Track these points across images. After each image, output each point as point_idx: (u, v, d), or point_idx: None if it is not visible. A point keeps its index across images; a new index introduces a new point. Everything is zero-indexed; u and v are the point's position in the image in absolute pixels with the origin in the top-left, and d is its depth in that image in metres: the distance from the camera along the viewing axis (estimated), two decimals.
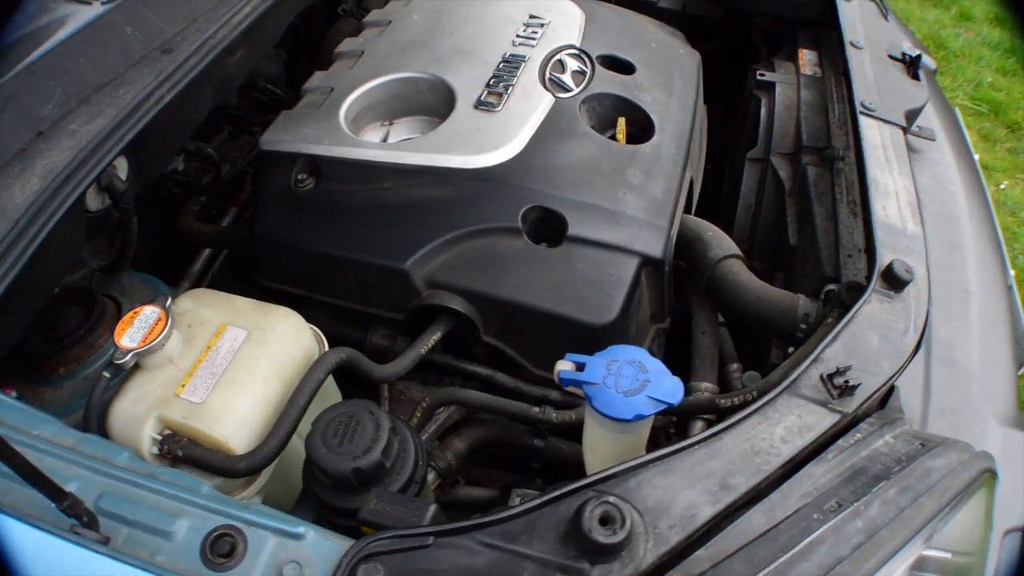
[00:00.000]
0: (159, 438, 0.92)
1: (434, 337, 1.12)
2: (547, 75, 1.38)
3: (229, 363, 0.94)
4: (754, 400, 0.88)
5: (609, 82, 1.39)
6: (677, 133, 1.35)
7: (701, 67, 1.61)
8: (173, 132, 1.14)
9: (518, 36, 1.47)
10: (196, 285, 1.50)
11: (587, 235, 1.14)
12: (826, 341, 0.89)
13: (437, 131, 1.26)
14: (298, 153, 1.26)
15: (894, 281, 0.97)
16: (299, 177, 1.25)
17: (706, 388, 1.20)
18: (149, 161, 1.11)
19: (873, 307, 0.95)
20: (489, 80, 1.34)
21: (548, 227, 1.17)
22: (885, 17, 1.60)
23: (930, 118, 1.67)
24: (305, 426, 0.89)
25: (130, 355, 0.92)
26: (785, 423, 0.79)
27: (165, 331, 0.92)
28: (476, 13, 1.55)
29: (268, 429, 0.91)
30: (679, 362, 1.20)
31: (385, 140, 1.39)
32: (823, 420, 0.80)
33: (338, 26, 1.79)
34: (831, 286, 1.13)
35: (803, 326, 1.10)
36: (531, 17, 1.53)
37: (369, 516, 0.74)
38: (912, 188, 1.16)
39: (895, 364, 0.89)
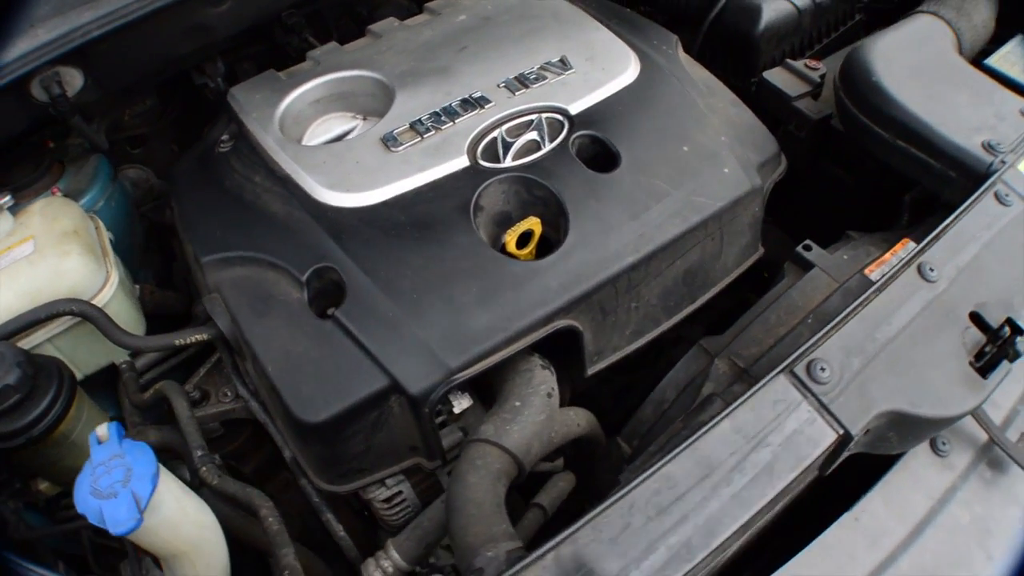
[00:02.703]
0: None
1: (196, 337, 1.10)
2: (490, 134, 1.15)
3: (2, 269, 1.07)
4: None
5: (559, 171, 1.11)
6: (586, 267, 1.04)
7: (748, 202, 1.17)
8: (132, 58, 1.26)
9: (516, 77, 1.23)
10: None
11: (353, 327, 0.98)
12: None
13: (328, 147, 1.17)
14: (235, 114, 1.29)
15: None
16: (223, 138, 1.29)
17: (386, 569, 0.98)
18: (107, 79, 1.25)
19: None
20: (424, 115, 1.18)
21: (336, 297, 1.03)
22: None
23: None
24: None
25: None
26: None
27: None
28: (511, 35, 1.34)
29: None
30: None
31: (344, 135, 1.33)
32: None
33: None
34: None
35: None
36: (560, 61, 1.27)
37: None
38: None
39: None
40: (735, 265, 1.24)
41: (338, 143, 1.18)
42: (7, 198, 1.10)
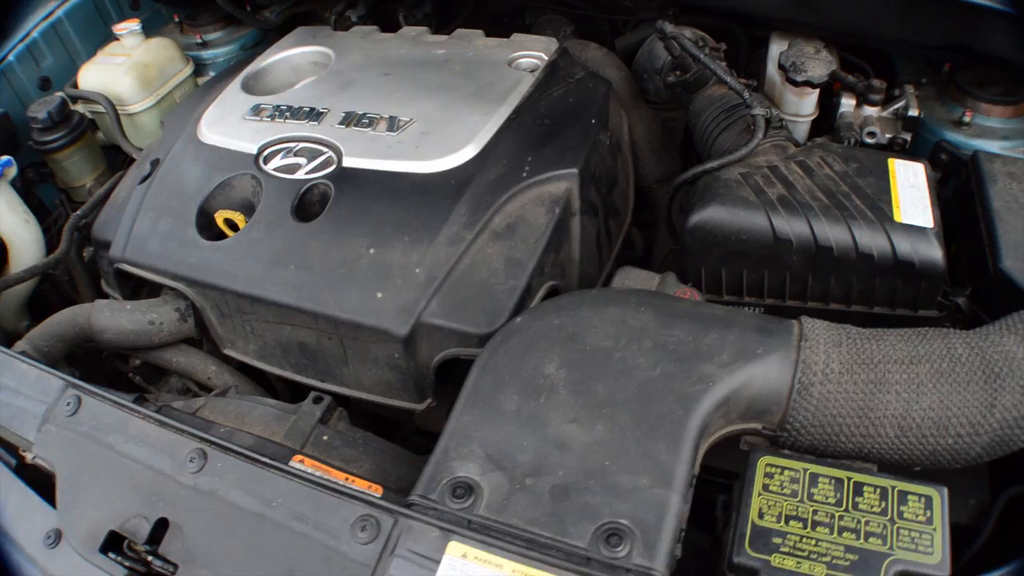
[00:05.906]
0: None
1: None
2: (289, 142, 1.35)
3: (102, 61, 1.80)
4: None
5: (275, 195, 1.28)
6: (214, 267, 1.24)
7: (377, 338, 1.12)
8: None
9: (363, 113, 1.36)
10: None
11: (133, 200, 1.41)
12: None
13: (240, 95, 1.52)
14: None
15: None
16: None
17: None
18: None
19: None
20: (285, 105, 1.43)
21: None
22: None
23: None
24: None
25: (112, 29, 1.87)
26: None
27: (127, 32, 1.82)
28: (430, 83, 1.44)
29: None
30: None
31: None
32: None
33: None
34: None
35: None
36: (405, 121, 1.34)
37: None
38: None
39: None
40: (375, 391, 1.21)
41: (242, 94, 1.53)
42: (138, 25, 1.82)
